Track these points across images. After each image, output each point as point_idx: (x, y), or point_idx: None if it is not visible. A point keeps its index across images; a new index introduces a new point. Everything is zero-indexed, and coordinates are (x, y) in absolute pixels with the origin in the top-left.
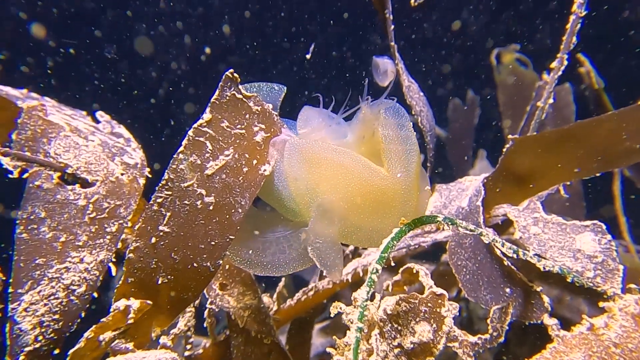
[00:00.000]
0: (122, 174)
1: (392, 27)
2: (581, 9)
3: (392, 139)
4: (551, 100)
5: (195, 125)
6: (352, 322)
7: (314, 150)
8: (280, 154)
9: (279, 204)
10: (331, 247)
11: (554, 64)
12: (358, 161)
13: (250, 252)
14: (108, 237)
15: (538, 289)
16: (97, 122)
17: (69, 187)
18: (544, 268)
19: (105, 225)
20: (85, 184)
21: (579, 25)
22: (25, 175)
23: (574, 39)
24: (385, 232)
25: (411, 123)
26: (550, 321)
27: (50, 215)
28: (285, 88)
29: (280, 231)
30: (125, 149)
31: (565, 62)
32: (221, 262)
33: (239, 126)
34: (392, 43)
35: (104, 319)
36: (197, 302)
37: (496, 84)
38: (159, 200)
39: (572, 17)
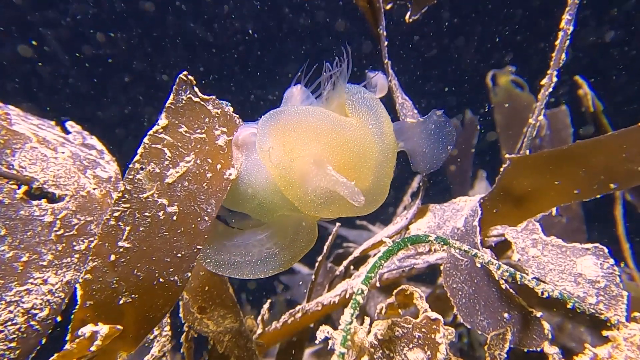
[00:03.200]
0: (94, 189)
1: (386, 43)
2: (569, 25)
3: (358, 101)
4: (542, 117)
5: (150, 132)
6: None
7: (283, 115)
8: (246, 156)
9: (254, 203)
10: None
11: (544, 81)
12: (326, 115)
13: (233, 255)
14: (76, 255)
15: (538, 315)
16: (67, 132)
17: (35, 203)
18: (543, 293)
19: (74, 243)
20: (53, 198)
21: (567, 42)
22: None
23: (563, 55)
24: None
25: (371, 93)
26: (551, 349)
27: (11, 232)
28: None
29: (259, 233)
30: (98, 161)
31: (555, 79)
32: (189, 274)
33: (198, 131)
34: (386, 60)
35: (67, 347)
36: (166, 321)
37: (492, 106)
38: (116, 214)
39: (560, 34)
